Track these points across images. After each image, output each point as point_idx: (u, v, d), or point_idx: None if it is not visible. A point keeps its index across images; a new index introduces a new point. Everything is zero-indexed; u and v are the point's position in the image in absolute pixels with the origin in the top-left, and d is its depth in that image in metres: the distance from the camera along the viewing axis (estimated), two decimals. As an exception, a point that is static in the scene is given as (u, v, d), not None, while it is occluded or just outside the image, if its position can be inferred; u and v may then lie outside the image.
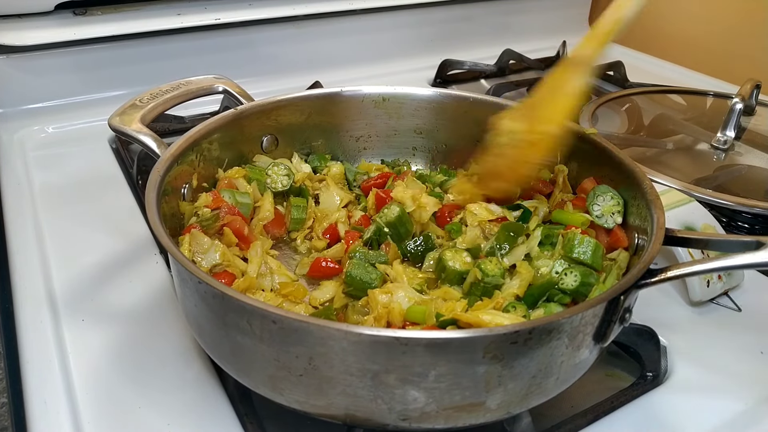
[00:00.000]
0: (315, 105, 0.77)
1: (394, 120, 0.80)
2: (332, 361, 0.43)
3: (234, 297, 0.44)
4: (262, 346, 0.46)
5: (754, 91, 1.03)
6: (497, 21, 1.38)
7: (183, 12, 1.06)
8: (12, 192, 0.83)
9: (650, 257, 0.49)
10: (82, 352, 0.59)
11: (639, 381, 0.59)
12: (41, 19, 1.00)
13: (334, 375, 0.44)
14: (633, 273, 0.48)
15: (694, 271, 0.50)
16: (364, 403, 0.45)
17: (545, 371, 0.46)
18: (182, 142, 0.64)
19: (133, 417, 0.53)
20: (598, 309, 0.47)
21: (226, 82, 0.75)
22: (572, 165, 0.70)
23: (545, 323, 0.44)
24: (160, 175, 0.58)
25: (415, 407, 0.45)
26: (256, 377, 0.49)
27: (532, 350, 0.44)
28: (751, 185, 0.91)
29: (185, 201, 0.64)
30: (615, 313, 0.48)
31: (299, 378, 0.45)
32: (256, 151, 0.75)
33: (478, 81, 1.28)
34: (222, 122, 0.70)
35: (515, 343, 0.43)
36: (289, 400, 0.48)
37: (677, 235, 0.55)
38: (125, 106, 0.67)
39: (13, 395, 0.57)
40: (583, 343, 0.48)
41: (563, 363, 0.47)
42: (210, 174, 0.69)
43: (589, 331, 0.47)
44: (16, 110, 1.00)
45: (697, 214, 0.71)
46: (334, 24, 1.20)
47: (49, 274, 0.69)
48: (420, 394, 0.44)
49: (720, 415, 0.56)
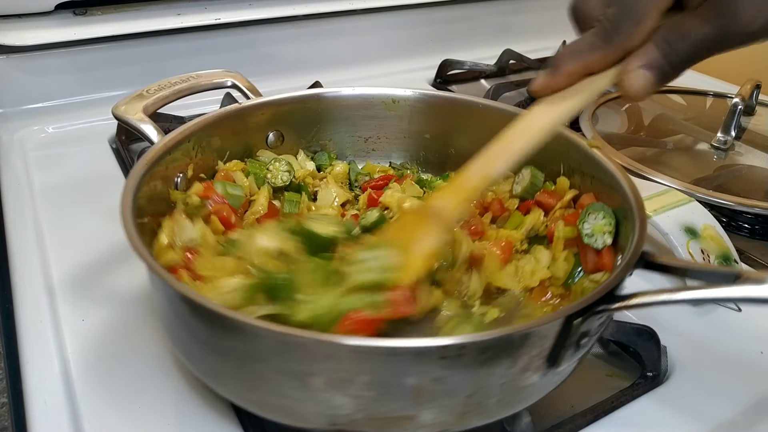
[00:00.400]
0: (322, 103, 0.77)
1: (404, 123, 0.79)
2: (260, 358, 0.44)
3: (163, 277, 0.45)
4: (200, 339, 0.47)
5: (754, 91, 1.03)
6: (497, 21, 1.38)
7: (183, 12, 1.06)
8: (12, 192, 0.83)
9: (611, 283, 0.46)
10: (83, 352, 0.59)
11: (639, 381, 0.59)
12: (41, 19, 1.00)
13: (264, 372, 0.45)
14: (585, 298, 0.45)
15: (661, 301, 0.47)
16: (293, 404, 0.45)
17: (484, 391, 0.44)
18: (177, 134, 0.64)
19: (134, 417, 0.53)
20: (545, 329, 0.44)
21: (235, 76, 0.75)
22: (575, 179, 0.67)
23: (478, 340, 0.42)
24: (147, 164, 0.58)
25: (342, 413, 0.44)
26: (201, 368, 0.50)
27: (466, 368, 0.42)
28: (752, 185, 0.91)
29: (178, 190, 0.64)
30: (567, 337, 0.45)
31: (235, 371, 0.46)
32: (260, 146, 0.75)
33: (478, 81, 1.28)
34: (223, 116, 0.70)
35: (445, 358, 0.41)
36: (227, 392, 0.49)
37: (656, 260, 0.51)
38: (131, 96, 0.68)
39: (13, 395, 0.57)
40: (529, 366, 0.45)
41: (505, 385, 0.45)
42: (209, 165, 0.69)
43: (536, 353, 0.45)
44: (16, 110, 1.00)
45: (697, 214, 0.71)
46: (334, 24, 1.20)
47: (49, 274, 0.69)
48: (347, 401, 0.43)
49: (720, 415, 0.56)
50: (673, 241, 0.67)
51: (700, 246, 0.68)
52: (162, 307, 0.52)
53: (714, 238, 0.69)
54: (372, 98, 0.78)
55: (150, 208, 0.59)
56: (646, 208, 0.68)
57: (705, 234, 0.69)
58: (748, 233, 0.83)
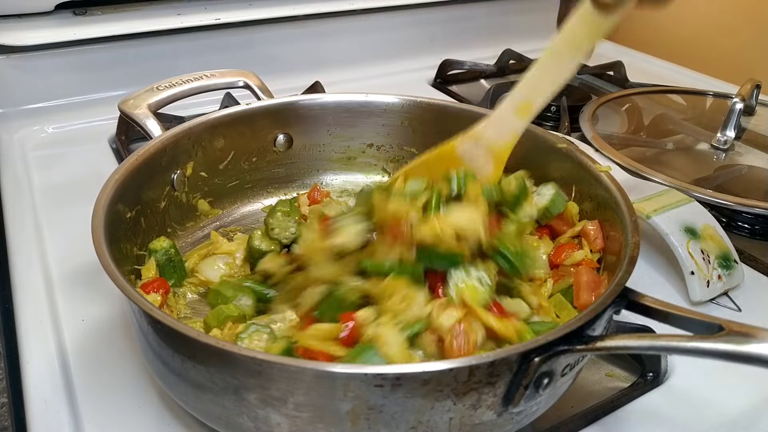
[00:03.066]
0: (334, 109, 0.76)
1: (418, 132, 0.77)
2: (201, 367, 0.43)
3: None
4: (151, 345, 0.48)
5: (754, 91, 1.03)
6: (497, 21, 1.39)
7: (183, 12, 1.06)
8: (12, 192, 0.83)
9: (578, 322, 0.44)
10: (83, 353, 0.59)
11: (639, 381, 0.59)
12: (41, 19, 1.00)
13: (203, 382, 0.44)
14: (547, 334, 0.42)
15: (635, 347, 0.45)
16: (232, 416, 0.45)
17: (429, 425, 0.43)
18: (176, 132, 0.65)
19: (133, 417, 0.53)
20: (495, 365, 0.41)
21: (248, 75, 0.75)
22: (585, 205, 0.65)
23: (416, 371, 0.40)
24: (137, 159, 0.60)
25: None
26: (154, 368, 0.50)
27: (405, 399, 0.41)
28: (751, 185, 0.91)
29: (174, 188, 0.65)
30: (524, 376, 0.42)
31: (178, 377, 0.46)
32: (269, 148, 0.75)
33: (478, 81, 1.28)
34: (228, 116, 0.70)
35: (380, 386, 0.40)
36: (176, 395, 0.49)
37: (640, 301, 0.48)
38: (141, 91, 0.68)
39: (13, 395, 0.57)
40: (481, 403, 0.43)
41: (455, 420, 0.43)
42: (212, 163, 0.70)
43: (487, 391, 0.42)
44: (16, 110, 1.00)
45: (697, 215, 0.71)
46: (334, 24, 1.20)
47: (49, 274, 0.69)
48: (282, 420, 0.43)
49: (720, 415, 0.56)
50: (673, 241, 0.67)
51: (700, 246, 0.68)
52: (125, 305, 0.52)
53: (714, 238, 0.69)
54: (386, 105, 0.76)
55: (138, 199, 0.60)
56: (646, 208, 0.69)
57: (705, 234, 0.69)
58: (748, 233, 0.83)
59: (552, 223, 0.67)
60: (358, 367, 0.40)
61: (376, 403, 0.41)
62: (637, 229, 0.54)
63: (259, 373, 0.41)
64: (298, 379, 0.41)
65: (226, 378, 0.42)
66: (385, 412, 0.41)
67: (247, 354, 0.40)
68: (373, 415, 0.41)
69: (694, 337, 0.41)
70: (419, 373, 0.40)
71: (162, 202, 0.65)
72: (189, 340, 0.42)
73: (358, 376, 0.40)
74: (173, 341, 0.44)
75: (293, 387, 0.41)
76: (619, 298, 0.47)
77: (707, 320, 0.44)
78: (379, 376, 0.39)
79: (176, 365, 0.45)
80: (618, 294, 0.47)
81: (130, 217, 0.59)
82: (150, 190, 0.63)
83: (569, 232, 0.65)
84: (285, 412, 0.42)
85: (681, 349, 0.41)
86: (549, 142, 0.68)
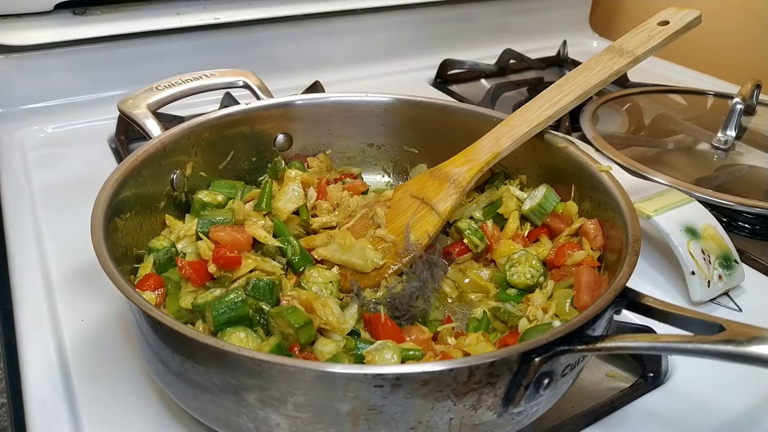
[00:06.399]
0: (334, 108, 0.77)
1: (417, 130, 0.77)
2: (200, 367, 0.43)
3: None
4: (150, 345, 0.48)
5: (754, 91, 1.03)
6: (497, 21, 1.38)
7: (183, 12, 1.06)
8: (12, 192, 0.83)
9: (578, 322, 0.44)
10: (82, 353, 0.59)
11: (639, 381, 0.59)
12: (41, 19, 1.00)
13: (202, 382, 0.44)
14: (547, 334, 0.42)
15: (635, 347, 0.45)
16: (232, 417, 0.45)
17: (430, 425, 0.43)
18: (176, 131, 0.64)
19: (133, 417, 0.53)
20: (495, 365, 0.41)
21: (248, 75, 0.75)
22: (585, 204, 0.66)
23: (415, 372, 0.40)
24: (135, 160, 0.60)
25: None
26: (154, 368, 0.50)
27: (405, 399, 0.41)
28: (752, 185, 0.91)
29: (174, 188, 0.65)
30: (524, 376, 0.42)
31: (177, 377, 0.46)
32: (268, 147, 0.75)
33: (479, 81, 1.28)
34: (227, 116, 0.70)
35: (380, 387, 0.40)
36: (175, 395, 0.49)
37: (640, 301, 0.48)
38: (141, 91, 0.68)
39: (12, 395, 0.57)
40: (481, 403, 0.43)
41: (454, 421, 0.43)
42: (211, 163, 0.70)
43: (487, 391, 0.42)
44: (15, 110, 1.00)
45: (698, 214, 0.71)
46: (334, 24, 1.20)
47: (48, 274, 0.69)
48: (282, 420, 0.43)
49: (720, 415, 0.56)
50: (673, 241, 0.67)
51: (701, 246, 0.68)
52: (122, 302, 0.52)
53: (714, 238, 0.69)
54: (385, 105, 0.76)
55: (138, 199, 0.60)
56: (646, 207, 0.69)
57: (705, 234, 0.69)
58: (748, 233, 0.83)
59: (549, 222, 0.67)
60: (358, 368, 0.40)
61: (376, 403, 0.41)
62: (638, 229, 0.54)
63: (258, 373, 0.41)
64: (297, 380, 0.40)
65: (226, 378, 0.42)
66: (385, 412, 0.41)
67: (246, 354, 0.40)
68: (372, 416, 0.41)
69: (694, 338, 0.41)
70: (419, 373, 0.40)
71: (162, 202, 0.65)
72: (188, 340, 0.42)
73: (357, 376, 0.39)
74: (173, 341, 0.44)
75: (293, 387, 0.41)
76: (620, 298, 0.47)
77: (708, 320, 0.44)
78: (378, 376, 0.39)
79: (176, 365, 0.45)
80: (618, 294, 0.47)
81: (129, 217, 0.59)
82: (149, 190, 0.63)
83: (567, 230, 0.65)
84: (285, 413, 0.42)
85: (681, 349, 0.41)
86: (549, 142, 0.68)
